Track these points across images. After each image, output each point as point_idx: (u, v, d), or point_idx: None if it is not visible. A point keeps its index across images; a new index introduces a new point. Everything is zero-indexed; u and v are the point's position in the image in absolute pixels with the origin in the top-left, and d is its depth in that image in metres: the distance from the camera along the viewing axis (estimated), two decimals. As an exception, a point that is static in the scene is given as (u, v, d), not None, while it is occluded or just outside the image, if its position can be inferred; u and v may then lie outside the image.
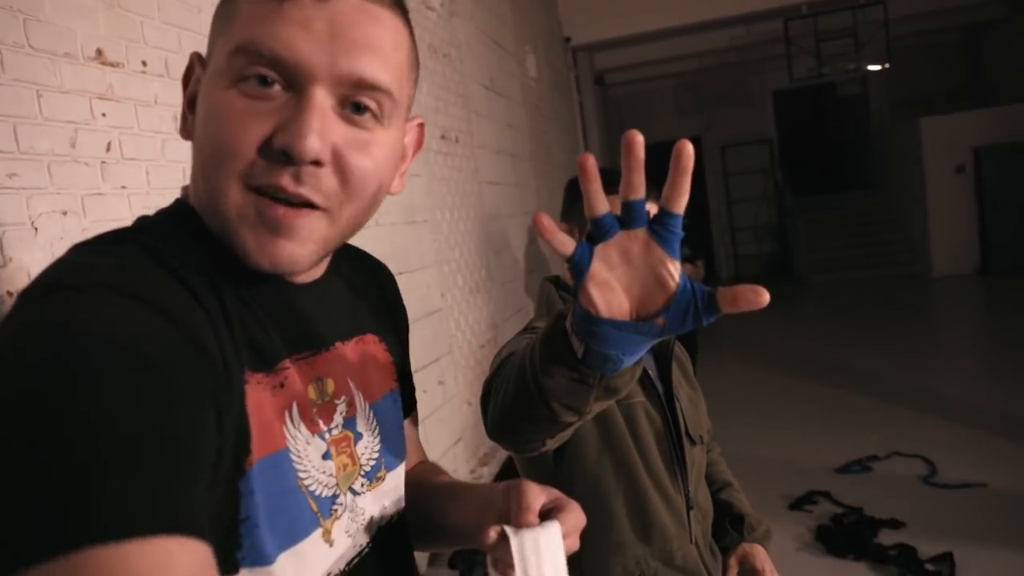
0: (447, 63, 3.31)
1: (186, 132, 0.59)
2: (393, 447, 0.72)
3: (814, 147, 12.26)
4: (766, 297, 0.55)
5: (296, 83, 0.53)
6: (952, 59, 10.83)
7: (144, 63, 1.45)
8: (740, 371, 5.92)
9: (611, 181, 0.64)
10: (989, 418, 4.12)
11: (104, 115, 1.33)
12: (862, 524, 3.09)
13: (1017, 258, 8.58)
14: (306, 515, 0.59)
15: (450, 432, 2.92)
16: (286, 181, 0.53)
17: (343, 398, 0.65)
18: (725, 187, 11.94)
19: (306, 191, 0.54)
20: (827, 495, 3.40)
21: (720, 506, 1.36)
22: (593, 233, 0.57)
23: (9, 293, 1.13)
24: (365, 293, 0.76)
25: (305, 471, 0.59)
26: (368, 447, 0.68)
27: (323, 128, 0.53)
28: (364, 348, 0.71)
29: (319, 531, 0.60)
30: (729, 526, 1.33)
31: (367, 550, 0.67)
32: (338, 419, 0.64)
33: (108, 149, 1.34)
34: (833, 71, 7.44)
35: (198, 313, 0.50)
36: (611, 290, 0.57)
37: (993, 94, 9.82)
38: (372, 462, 0.68)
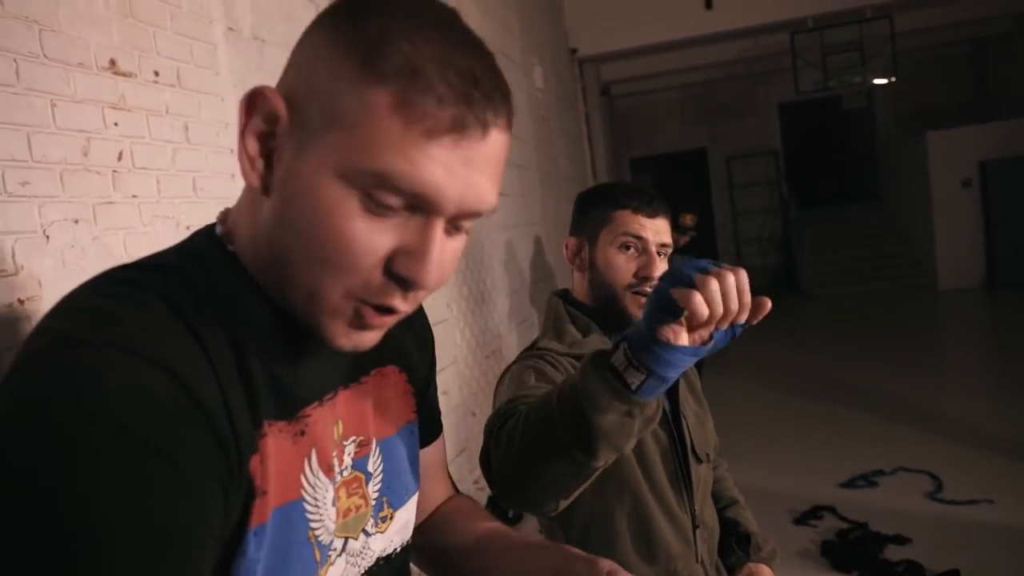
0: (455, 74, 3.33)
1: (255, 180, 0.53)
2: (400, 483, 0.70)
3: (820, 160, 12.27)
4: (768, 304, 0.71)
5: (422, 210, 0.51)
6: (958, 73, 10.84)
7: (156, 73, 1.46)
8: (744, 385, 5.90)
9: (631, 195, 0.73)
10: (996, 434, 4.09)
11: (116, 124, 1.34)
12: (868, 540, 3.07)
13: (1022, 273, 8.55)
14: (309, 566, 0.57)
15: (454, 443, 2.92)
16: (398, 302, 0.54)
17: (353, 438, 0.63)
18: (730, 199, 11.94)
19: (410, 306, 0.55)
20: (832, 510, 3.38)
21: (726, 524, 1.35)
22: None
23: (20, 301, 1.14)
24: (408, 328, 0.75)
25: (318, 520, 0.58)
26: (375, 487, 0.66)
27: (441, 256, 0.53)
28: (382, 381, 0.69)
29: None
30: (735, 545, 1.32)
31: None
32: (347, 460, 0.62)
33: (120, 158, 1.35)
34: (839, 84, 7.44)
35: (211, 380, 0.49)
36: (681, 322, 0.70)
37: (999, 108, 9.82)
38: (375, 501, 0.66)
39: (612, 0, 6.50)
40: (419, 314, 0.79)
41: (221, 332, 0.52)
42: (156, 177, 1.43)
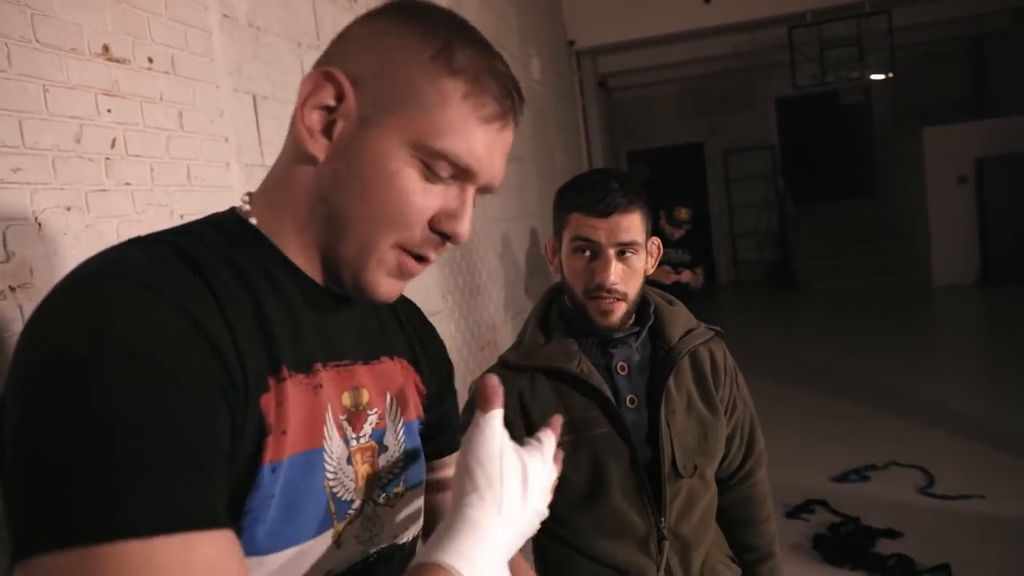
0: (452, 65, 3.32)
1: (317, 148, 0.62)
2: (415, 468, 0.75)
3: (817, 154, 12.28)
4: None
5: (462, 179, 0.64)
6: (955, 69, 10.84)
7: (150, 59, 1.44)
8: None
9: (582, 194, 0.86)
10: (988, 429, 4.12)
11: (110, 111, 1.33)
12: (859, 533, 3.09)
13: (1017, 269, 8.58)
14: (323, 515, 0.61)
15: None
16: (432, 253, 0.65)
17: (376, 410, 0.68)
18: (727, 193, 11.94)
19: (437, 256, 0.67)
20: (824, 504, 3.40)
21: None
22: None
23: (11, 288, 1.13)
24: (407, 321, 0.81)
25: (333, 473, 0.62)
26: (390, 460, 0.70)
27: (472, 217, 0.66)
28: (398, 371, 0.75)
29: (330, 532, 0.62)
30: None
31: (373, 559, 0.68)
32: (367, 429, 0.67)
33: (113, 145, 1.33)
34: (836, 79, 7.44)
35: (217, 316, 0.54)
36: None
37: (996, 105, 9.83)
38: (392, 476, 0.70)
39: (610, -8, 6.47)
40: (439, 343, 0.86)
41: (235, 281, 0.58)
42: (150, 165, 1.41)
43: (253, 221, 0.65)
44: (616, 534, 1.21)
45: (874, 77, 7.42)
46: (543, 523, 1.15)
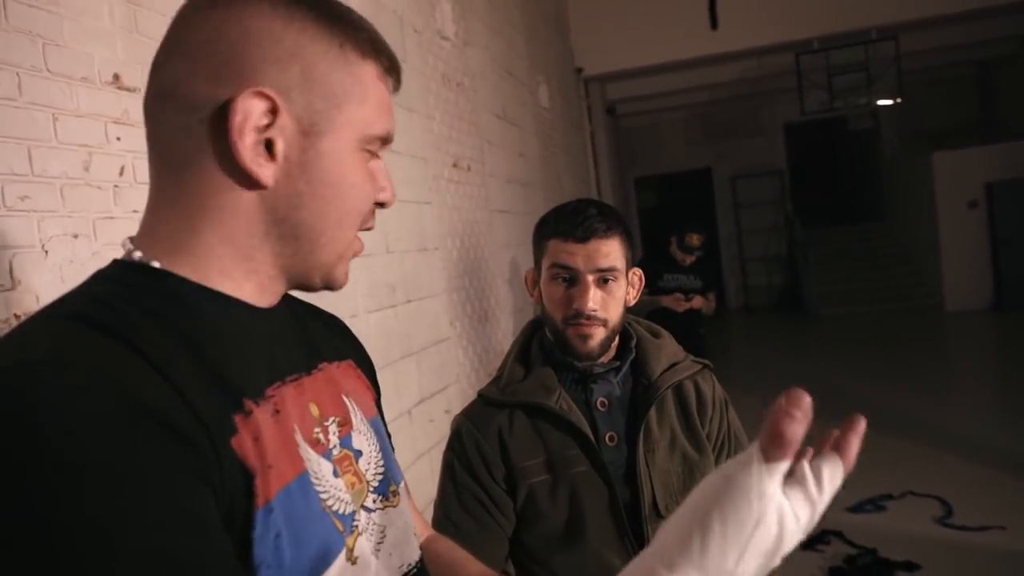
0: (460, 92, 3.33)
1: (267, 175, 0.57)
2: (394, 465, 0.73)
3: (825, 180, 12.28)
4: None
5: (384, 147, 0.66)
6: (964, 94, 10.86)
7: (160, 88, 1.45)
8: (749, 404, 5.83)
9: (560, 220, 0.88)
10: (1006, 457, 4.04)
11: (119, 139, 1.33)
12: (876, 566, 3.02)
13: (1031, 295, 8.50)
14: (333, 536, 0.58)
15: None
16: (372, 222, 0.66)
17: (332, 418, 0.65)
18: (735, 218, 11.94)
19: None
20: (840, 535, 3.33)
21: None
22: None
23: (16, 316, 1.12)
24: (335, 330, 0.79)
25: (325, 491, 0.59)
26: (371, 463, 0.68)
27: None
28: (344, 373, 0.73)
29: (343, 551, 0.59)
30: None
31: (416, 572, 0.67)
32: (334, 439, 0.64)
33: (121, 173, 1.34)
34: (844, 105, 7.45)
35: (156, 380, 0.49)
36: None
37: (1005, 129, 9.81)
38: (379, 477, 0.68)
39: (618, 20, 6.53)
40: (356, 341, 0.83)
41: (163, 331, 0.53)
42: (158, 192, 1.41)
43: (156, 264, 0.58)
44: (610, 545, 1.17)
45: (882, 102, 7.43)
46: (521, 562, 1.12)
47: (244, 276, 0.61)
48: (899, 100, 7.28)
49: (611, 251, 1.15)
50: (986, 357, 7.22)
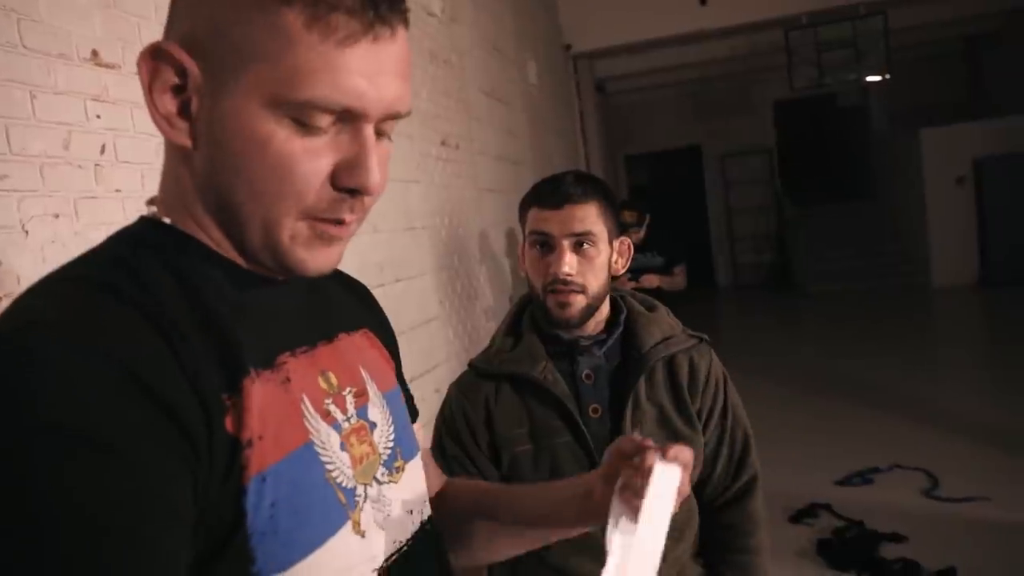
0: (448, 69, 3.30)
1: (181, 136, 0.54)
2: (408, 438, 0.72)
3: (814, 157, 12.27)
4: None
5: (350, 120, 0.54)
6: (952, 70, 10.84)
7: (140, 65, 1.42)
8: (739, 381, 5.85)
9: (537, 189, 0.70)
10: (991, 430, 4.09)
11: (99, 117, 1.31)
12: (864, 538, 3.06)
13: (1017, 271, 8.56)
14: (335, 509, 0.58)
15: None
16: (347, 213, 0.56)
17: (349, 388, 0.64)
18: (725, 196, 11.94)
19: (357, 216, 0.58)
20: (828, 508, 3.37)
21: None
22: None
23: (-2, 298, 1.11)
24: (356, 295, 0.78)
25: (331, 462, 0.58)
26: (383, 435, 0.67)
27: (379, 161, 0.56)
28: (363, 343, 0.71)
29: (348, 524, 0.59)
30: None
31: (406, 548, 0.66)
32: (351, 409, 0.63)
33: (102, 151, 1.31)
34: (834, 81, 7.43)
35: (160, 351, 0.48)
36: None
37: (993, 105, 9.82)
38: (388, 451, 0.67)
39: (606, -4, 6.47)
40: (377, 307, 0.82)
41: (177, 292, 0.52)
42: (141, 171, 1.39)
43: (167, 220, 0.58)
44: (578, 546, 1.18)
45: (871, 79, 7.41)
46: None
47: (220, 241, 0.58)
48: (888, 76, 7.26)
49: (586, 216, 1.16)
50: (973, 332, 7.29)
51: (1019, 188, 8.52)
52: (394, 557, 0.64)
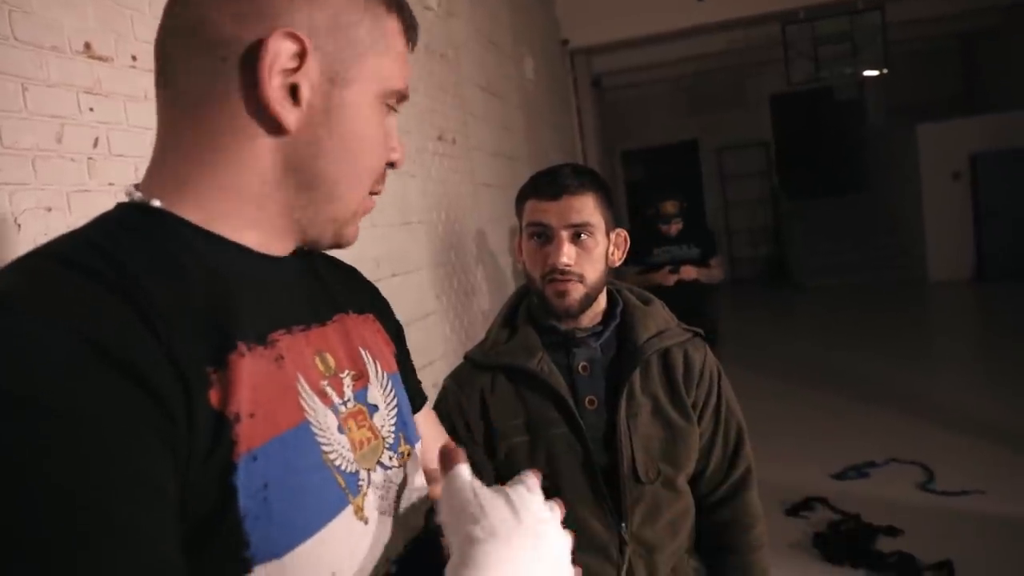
0: (444, 64, 3.29)
1: (292, 119, 0.56)
2: (411, 423, 0.72)
3: (811, 151, 12.28)
4: None
5: (399, 106, 0.65)
6: (949, 65, 10.85)
7: (134, 57, 1.41)
8: (736, 375, 5.86)
9: (534, 181, 0.80)
10: (986, 424, 4.10)
11: (92, 110, 1.30)
12: (860, 531, 3.07)
13: (1012, 265, 8.58)
14: (333, 492, 0.56)
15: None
16: (382, 185, 0.66)
17: (348, 371, 0.64)
18: (721, 190, 11.95)
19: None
20: (824, 501, 3.38)
21: None
22: None
23: (-10, 292, 1.10)
24: (352, 278, 0.78)
25: (329, 444, 0.57)
26: (385, 419, 0.66)
27: None
28: (363, 325, 0.71)
29: (350, 508, 0.58)
30: None
31: (424, 536, 0.66)
32: (348, 393, 0.62)
33: (95, 145, 1.31)
34: (830, 75, 7.43)
35: (136, 327, 0.47)
36: None
37: (989, 100, 9.83)
38: (392, 435, 0.67)
39: (603, -10, 6.45)
40: (374, 289, 0.81)
41: (149, 275, 0.50)
42: (135, 164, 1.39)
43: (156, 203, 0.56)
44: (574, 540, 1.19)
45: (867, 73, 7.41)
46: None
47: (248, 223, 0.58)
48: (885, 71, 7.26)
49: (584, 207, 1.16)
50: (968, 327, 7.31)
51: (1015, 183, 8.54)
52: (412, 546, 0.63)
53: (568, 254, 1.15)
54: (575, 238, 1.16)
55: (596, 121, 8.38)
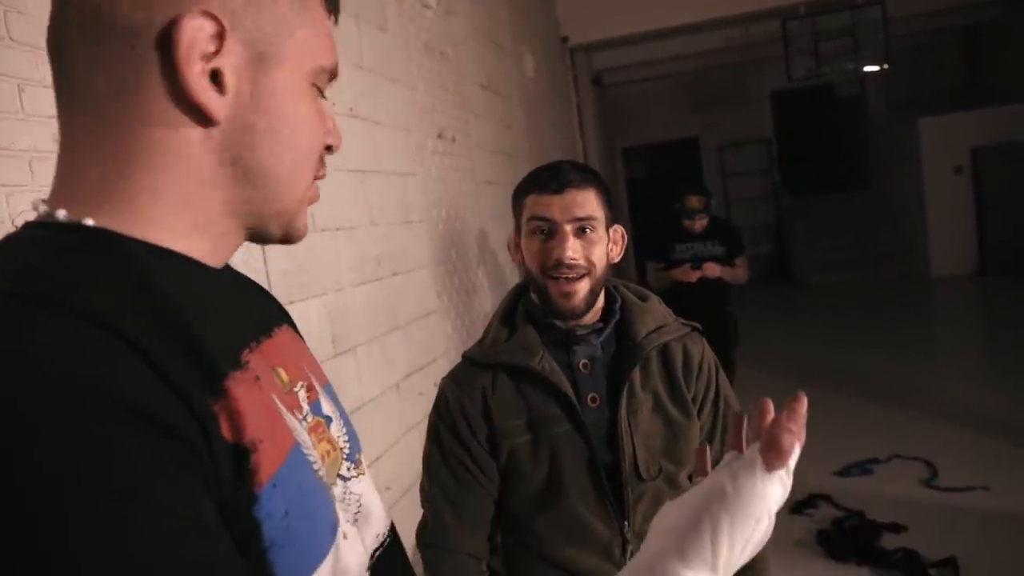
0: (443, 62, 3.28)
1: (221, 108, 0.50)
2: (355, 431, 0.68)
3: (812, 147, 12.25)
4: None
5: (328, 86, 0.60)
6: (950, 59, 10.82)
7: (131, 57, 1.41)
8: (739, 372, 5.88)
9: (536, 176, 0.70)
10: (990, 420, 4.09)
11: (89, 110, 1.29)
12: (864, 528, 3.06)
13: (1015, 259, 8.56)
14: (331, 512, 0.55)
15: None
16: (323, 170, 0.60)
17: (300, 383, 0.60)
18: (723, 187, 11.92)
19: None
20: (828, 499, 3.37)
21: None
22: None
23: (-12, 294, 1.10)
24: (261, 291, 0.71)
25: (316, 463, 0.55)
26: (338, 429, 0.64)
27: None
28: (293, 338, 0.66)
29: (340, 527, 0.56)
30: None
31: (388, 540, 0.64)
32: (304, 406, 0.59)
33: (93, 145, 1.30)
34: (831, 71, 7.41)
35: (141, 369, 0.42)
36: None
37: (991, 94, 9.80)
38: (347, 444, 0.64)
39: (603, -13, 6.44)
40: (278, 301, 0.76)
41: (130, 309, 0.45)
42: (132, 165, 1.38)
43: (89, 222, 0.49)
44: (576, 540, 1.18)
45: (869, 69, 7.38)
46: (509, 528, 1.12)
47: (192, 230, 0.52)
48: (886, 66, 7.24)
49: (587, 201, 1.16)
50: (971, 322, 7.30)
51: (1017, 177, 8.51)
52: (378, 552, 0.61)
53: (573, 248, 1.14)
54: (579, 232, 1.15)
55: (596, 118, 8.36)
